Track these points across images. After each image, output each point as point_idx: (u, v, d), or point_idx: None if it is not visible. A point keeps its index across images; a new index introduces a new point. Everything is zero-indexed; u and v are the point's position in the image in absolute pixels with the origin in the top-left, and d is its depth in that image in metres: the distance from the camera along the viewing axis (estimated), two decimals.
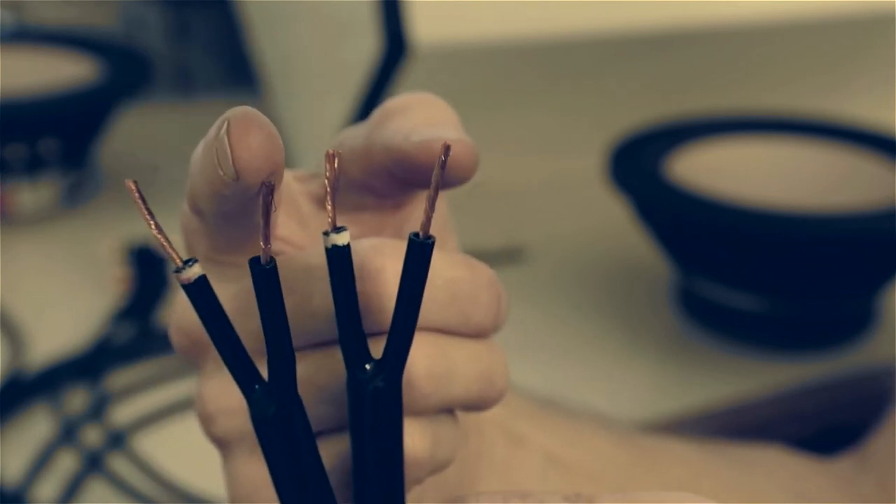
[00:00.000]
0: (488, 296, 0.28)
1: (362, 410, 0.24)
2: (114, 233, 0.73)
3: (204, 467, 0.54)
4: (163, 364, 0.63)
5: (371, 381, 0.23)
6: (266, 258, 0.22)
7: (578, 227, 0.81)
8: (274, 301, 0.22)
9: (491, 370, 0.28)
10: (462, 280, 0.27)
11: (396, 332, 0.23)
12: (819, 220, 0.61)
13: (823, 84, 0.89)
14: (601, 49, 0.78)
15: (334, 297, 0.23)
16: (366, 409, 0.24)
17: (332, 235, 0.23)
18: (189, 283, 0.22)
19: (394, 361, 0.24)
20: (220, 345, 0.23)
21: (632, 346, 0.66)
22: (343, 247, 0.23)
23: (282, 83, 0.88)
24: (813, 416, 0.60)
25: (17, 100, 0.76)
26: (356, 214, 0.31)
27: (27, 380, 0.59)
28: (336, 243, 0.23)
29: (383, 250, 0.26)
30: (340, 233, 0.23)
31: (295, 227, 0.29)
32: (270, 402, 0.23)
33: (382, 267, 0.26)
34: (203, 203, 0.27)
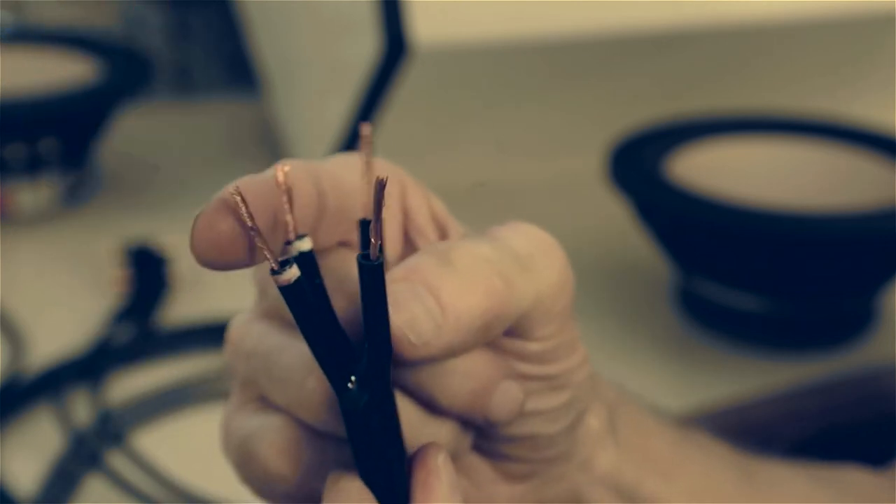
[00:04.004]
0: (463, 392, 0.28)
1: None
2: (113, 233, 0.73)
3: (204, 467, 0.54)
4: (163, 364, 0.63)
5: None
6: (375, 254, 0.22)
7: (578, 227, 0.81)
8: (378, 295, 0.23)
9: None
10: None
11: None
12: (819, 221, 0.61)
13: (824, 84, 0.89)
14: (601, 49, 0.78)
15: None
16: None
17: (295, 243, 0.23)
18: (286, 286, 0.23)
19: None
20: (314, 344, 0.23)
21: (632, 346, 0.66)
22: (308, 252, 0.23)
23: (282, 83, 0.88)
24: (813, 416, 0.60)
25: (17, 100, 0.76)
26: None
27: (27, 381, 0.59)
28: (301, 249, 0.23)
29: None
30: (303, 239, 0.23)
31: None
32: (363, 394, 0.24)
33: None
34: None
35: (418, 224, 0.29)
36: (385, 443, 0.25)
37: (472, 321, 0.26)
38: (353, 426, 0.24)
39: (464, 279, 0.26)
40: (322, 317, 0.24)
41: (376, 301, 0.23)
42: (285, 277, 0.22)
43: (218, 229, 0.25)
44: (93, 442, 0.55)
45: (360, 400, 0.24)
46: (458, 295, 0.25)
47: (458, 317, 0.25)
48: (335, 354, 0.24)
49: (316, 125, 0.82)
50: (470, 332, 0.26)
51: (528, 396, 0.29)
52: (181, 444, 0.57)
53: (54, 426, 0.56)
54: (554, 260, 0.30)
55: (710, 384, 0.63)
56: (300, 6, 0.81)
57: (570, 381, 0.30)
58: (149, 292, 0.68)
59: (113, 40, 0.94)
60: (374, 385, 0.24)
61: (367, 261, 0.23)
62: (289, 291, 0.23)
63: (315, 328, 0.23)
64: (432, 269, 0.25)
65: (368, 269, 0.23)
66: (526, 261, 0.28)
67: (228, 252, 0.24)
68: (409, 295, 0.25)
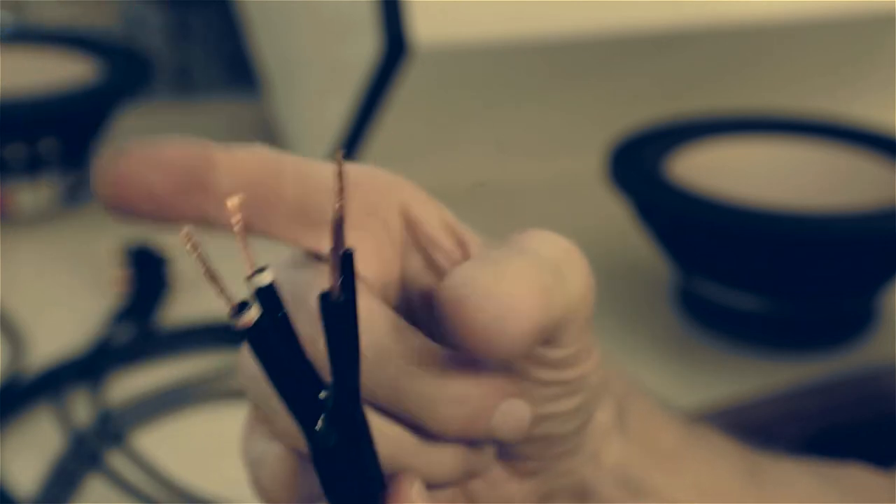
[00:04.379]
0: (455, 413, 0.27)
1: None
2: (113, 233, 0.73)
3: (204, 467, 0.54)
4: (163, 364, 0.63)
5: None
6: (336, 293, 0.22)
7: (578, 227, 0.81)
8: (341, 335, 0.23)
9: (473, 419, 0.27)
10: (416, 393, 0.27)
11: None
12: (820, 221, 0.61)
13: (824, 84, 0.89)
14: (601, 49, 0.78)
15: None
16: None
17: (254, 278, 0.23)
18: (247, 328, 0.22)
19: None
20: (279, 386, 0.23)
21: (632, 346, 0.66)
22: (268, 286, 0.23)
23: (282, 83, 0.88)
24: (813, 416, 0.60)
25: (17, 100, 0.76)
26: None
27: (27, 381, 0.59)
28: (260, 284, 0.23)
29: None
30: (262, 273, 0.23)
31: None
32: (331, 434, 0.23)
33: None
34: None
35: (428, 234, 0.29)
36: (354, 480, 0.25)
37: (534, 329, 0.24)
38: (321, 466, 0.24)
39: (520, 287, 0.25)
40: (288, 353, 0.23)
41: (340, 339, 0.23)
42: (244, 320, 0.22)
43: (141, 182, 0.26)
44: (93, 442, 0.55)
45: (329, 440, 0.24)
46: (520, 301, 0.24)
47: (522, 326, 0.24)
48: (301, 394, 0.23)
49: (316, 125, 0.82)
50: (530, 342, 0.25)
51: (544, 402, 0.29)
52: (181, 444, 0.57)
53: (54, 426, 0.56)
54: (580, 268, 0.29)
55: (710, 384, 0.63)
56: (300, 6, 0.81)
57: (585, 385, 0.30)
58: (149, 292, 0.68)
59: (113, 40, 0.94)
60: (341, 424, 0.24)
61: (327, 300, 0.22)
62: (248, 334, 0.22)
63: (279, 369, 0.23)
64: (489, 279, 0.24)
65: (329, 308, 0.22)
66: (558, 270, 0.27)
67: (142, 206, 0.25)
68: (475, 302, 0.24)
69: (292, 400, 0.23)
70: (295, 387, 0.23)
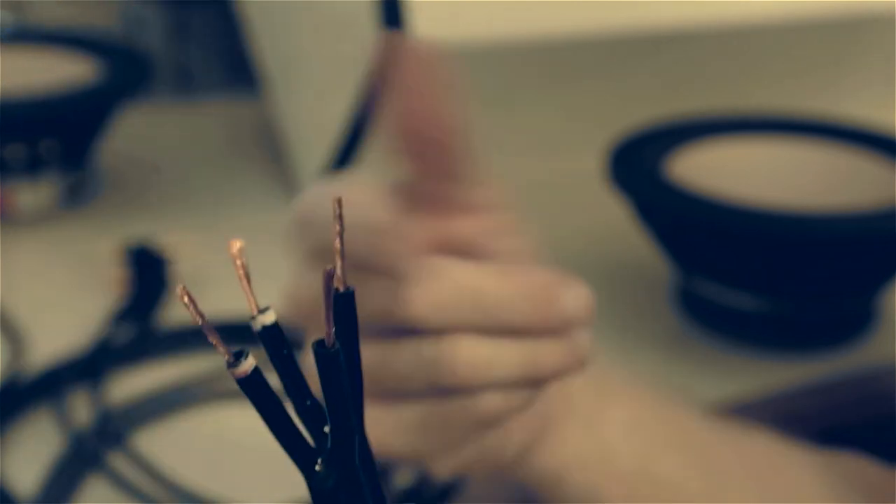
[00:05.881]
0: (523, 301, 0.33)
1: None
2: (113, 233, 0.73)
3: (204, 467, 0.54)
4: (163, 364, 0.63)
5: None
6: (330, 342, 0.23)
7: (578, 227, 0.81)
8: (337, 382, 0.23)
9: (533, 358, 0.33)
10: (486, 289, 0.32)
11: (336, 431, 0.24)
12: (819, 220, 0.61)
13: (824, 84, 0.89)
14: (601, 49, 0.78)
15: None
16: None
17: (258, 317, 0.23)
18: (243, 378, 0.23)
19: (341, 456, 0.24)
20: (277, 431, 0.24)
21: (632, 347, 0.66)
22: (272, 325, 0.23)
23: (282, 83, 0.88)
24: (813, 416, 0.60)
25: (17, 100, 0.76)
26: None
27: (27, 381, 0.59)
28: (265, 323, 0.23)
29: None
30: (266, 312, 0.23)
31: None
32: (330, 475, 0.24)
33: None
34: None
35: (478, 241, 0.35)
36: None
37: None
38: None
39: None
40: (290, 389, 0.24)
41: (335, 386, 0.24)
42: (241, 370, 0.22)
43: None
44: (93, 442, 0.55)
45: (328, 481, 0.24)
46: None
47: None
48: (300, 440, 0.24)
49: (316, 125, 0.82)
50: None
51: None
52: (181, 444, 0.57)
53: (54, 426, 0.56)
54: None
55: (710, 384, 0.63)
56: (300, 6, 0.81)
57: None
58: (149, 292, 0.68)
59: (113, 40, 0.94)
60: (340, 466, 0.24)
61: (322, 349, 0.23)
62: (246, 383, 0.23)
63: (277, 416, 0.23)
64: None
65: (323, 358, 0.23)
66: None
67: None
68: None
69: (291, 447, 0.24)
70: (293, 434, 0.24)
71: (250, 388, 0.23)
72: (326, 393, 0.23)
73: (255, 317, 0.23)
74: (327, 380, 0.23)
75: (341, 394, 0.24)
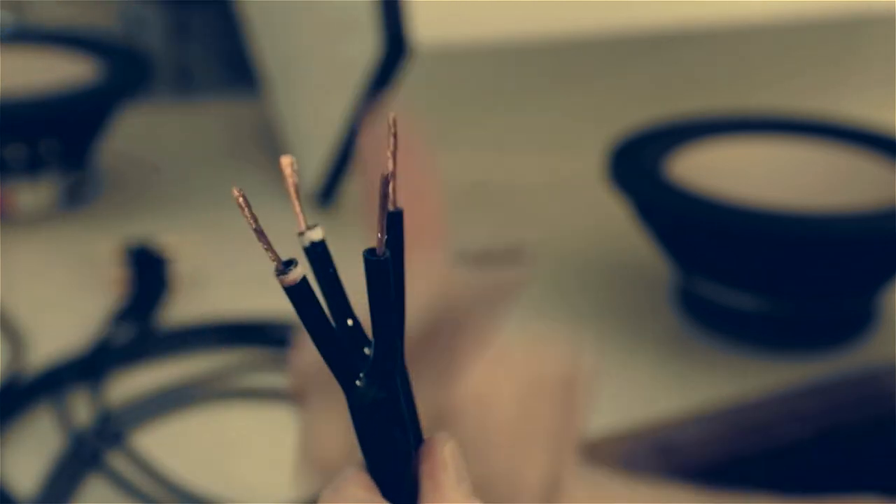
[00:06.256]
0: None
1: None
2: (113, 233, 0.73)
3: (204, 467, 0.54)
4: (163, 364, 0.63)
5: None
6: (381, 250, 0.23)
7: (578, 227, 0.81)
8: (384, 291, 0.23)
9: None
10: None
11: (379, 345, 0.24)
12: (819, 220, 0.61)
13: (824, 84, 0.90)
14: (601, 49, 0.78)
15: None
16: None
17: (307, 233, 0.23)
18: (292, 286, 0.23)
19: (384, 371, 0.24)
20: (320, 342, 0.24)
21: (632, 346, 0.66)
22: (320, 242, 0.23)
23: (282, 83, 0.88)
24: (813, 416, 0.60)
25: (17, 100, 0.76)
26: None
27: (27, 381, 0.59)
28: (313, 239, 0.23)
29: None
30: (314, 229, 0.23)
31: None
32: (370, 391, 0.24)
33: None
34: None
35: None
36: (391, 438, 0.25)
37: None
38: (359, 422, 0.25)
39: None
40: (335, 308, 0.24)
41: (382, 297, 0.23)
42: (291, 278, 0.22)
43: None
44: (93, 442, 0.55)
45: (367, 396, 0.24)
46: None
47: None
48: (344, 350, 0.24)
49: (316, 125, 0.82)
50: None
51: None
52: (181, 444, 0.57)
53: (54, 426, 0.57)
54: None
55: (710, 384, 0.63)
56: (300, 6, 0.81)
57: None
58: (149, 292, 0.68)
59: (113, 40, 0.94)
60: (381, 381, 0.24)
61: (373, 256, 0.23)
62: (294, 292, 0.23)
63: (321, 327, 0.23)
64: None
65: (373, 265, 0.23)
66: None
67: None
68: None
69: (332, 357, 0.24)
70: (335, 345, 0.24)
71: (297, 298, 0.23)
72: (373, 302, 0.23)
73: (304, 232, 0.23)
74: (375, 288, 0.23)
75: (387, 303, 0.24)
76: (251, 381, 0.61)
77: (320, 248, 0.24)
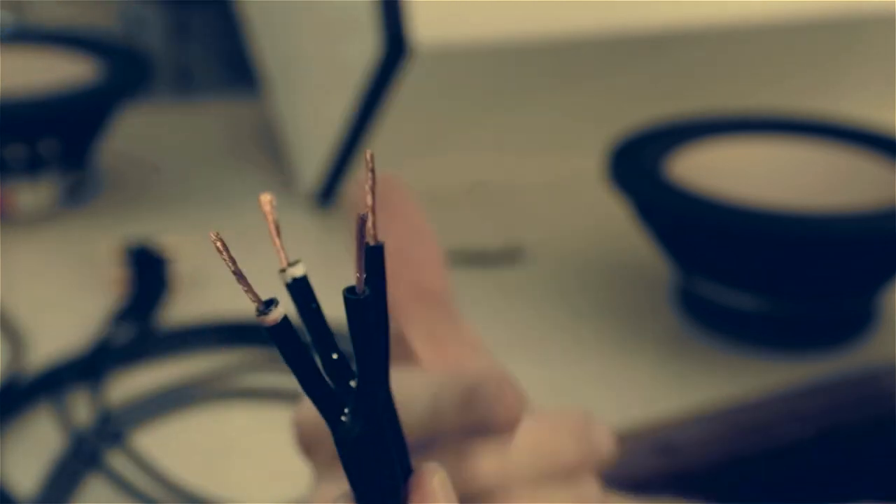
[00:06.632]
0: (573, 443, 0.34)
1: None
2: (113, 233, 0.73)
3: (204, 467, 0.54)
4: (163, 364, 0.63)
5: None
6: (360, 288, 0.23)
7: (578, 227, 0.81)
8: (364, 330, 0.24)
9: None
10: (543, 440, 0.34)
11: (363, 380, 0.24)
12: (819, 220, 0.61)
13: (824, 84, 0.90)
14: (601, 49, 0.78)
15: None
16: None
17: (288, 269, 0.24)
18: (273, 326, 0.23)
19: (367, 406, 0.25)
20: (304, 380, 0.24)
21: (632, 346, 0.66)
22: (301, 278, 0.24)
23: (282, 83, 0.88)
24: (813, 416, 0.60)
25: (17, 100, 0.76)
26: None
27: (27, 381, 0.59)
28: (295, 276, 0.24)
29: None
30: (296, 265, 0.24)
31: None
32: (355, 425, 0.24)
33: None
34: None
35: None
36: (378, 471, 0.25)
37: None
38: (346, 456, 0.25)
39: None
40: (319, 343, 0.24)
41: (364, 333, 0.24)
42: (271, 318, 0.23)
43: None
44: (93, 442, 0.55)
45: (353, 431, 0.24)
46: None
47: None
48: (327, 387, 0.24)
49: (316, 125, 0.82)
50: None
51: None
52: (181, 444, 0.57)
53: (54, 426, 0.57)
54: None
55: (710, 384, 0.63)
56: (300, 6, 0.81)
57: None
58: (149, 292, 0.68)
59: (113, 40, 0.94)
60: (365, 416, 0.24)
61: (352, 295, 0.23)
62: (275, 331, 0.23)
63: (304, 364, 0.24)
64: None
65: (353, 304, 0.23)
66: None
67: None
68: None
69: (316, 394, 0.24)
70: (320, 381, 0.24)
71: (279, 337, 0.23)
72: (355, 340, 0.24)
73: (285, 269, 0.24)
74: (356, 326, 0.24)
75: (369, 341, 0.24)
76: (251, 381, 0.61)
77: (302, 283, 0.24)
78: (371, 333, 0.24)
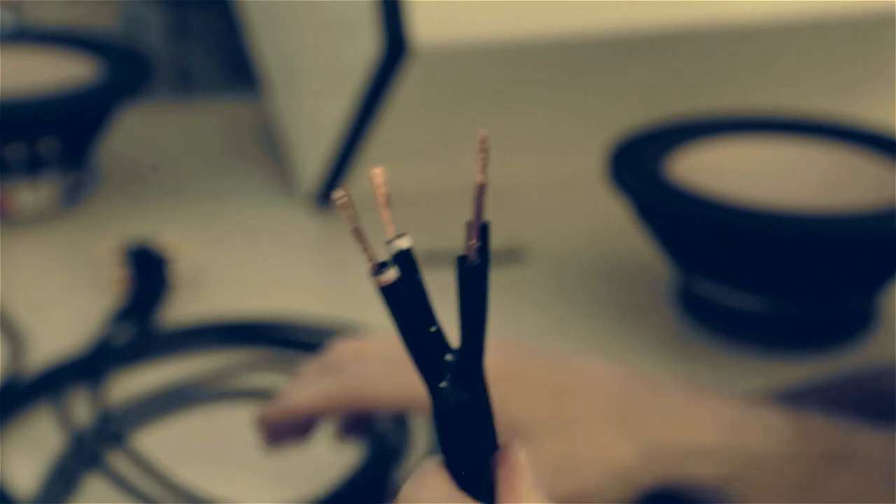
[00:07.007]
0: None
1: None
2: (113, 233, 0.73)
3: (204, 467, 0.54)
4: (163, 364, 0.63)
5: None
6: (473, 256, 0.24)
7: (578, 227, 0.81)
8: (473, 296, 0.25)
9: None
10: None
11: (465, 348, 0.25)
12: (819, 221, 0.61)
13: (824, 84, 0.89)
14: (601, 49, 0.78)
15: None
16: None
17: (395, 241, 0.24)
18: (386, 286, 0.24)
19: (468, 373, 0.25)
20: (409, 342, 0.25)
21: (632, 347, 0.66)
22: (407, 250, 0.25)
23: (281, 83, 0.88)
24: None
25: (17, 100, 0.76)
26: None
27: (27, 381, 0.59)
28: (400, 248, 0.25)
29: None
30: (402, 237, 0.25)
31: None
32: (454, 392, 0.25)
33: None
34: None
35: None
36: (473, 439, 0.26)
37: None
38: (442, 421, 0.26)
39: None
40: (419, 314, 0.25)
41: (472, 302, 0.25)
42: (384, 279, 0.24)
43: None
44: (93, 442, 0.55)
45: (451, 397, 0.25)
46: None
47: None
48: (428, 354, 0.25)
49: (316, 125, 0.82)
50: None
51: None
52: (181, 444, 0.57)
53: (54, 426, 0.56)
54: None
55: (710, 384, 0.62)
56: (300, 6, 0.81)
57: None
58: (149, 292, 0.68)
59: (113, 40, 0.94)
60: (465, 383, 0.25)
61: (465, 262, 0.24)
62: (387, 292, 0.24)
63: (410, 327, 0.25)
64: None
65: (466, 271, 0.24)
66: None
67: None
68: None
69: (420, 357, 0.25)
70: (423, 346, 0.25)
71: (390, 298, 0.24)
72: (463, 306, 0.25)
73: (392, 241, 0.24)
74: (466, 293, 0.25)
75: (476, 309, 0.25)
76: (251, 381, 0.61)
77: (407, 255, 0.25)
78: (479, 302, 0.25)
